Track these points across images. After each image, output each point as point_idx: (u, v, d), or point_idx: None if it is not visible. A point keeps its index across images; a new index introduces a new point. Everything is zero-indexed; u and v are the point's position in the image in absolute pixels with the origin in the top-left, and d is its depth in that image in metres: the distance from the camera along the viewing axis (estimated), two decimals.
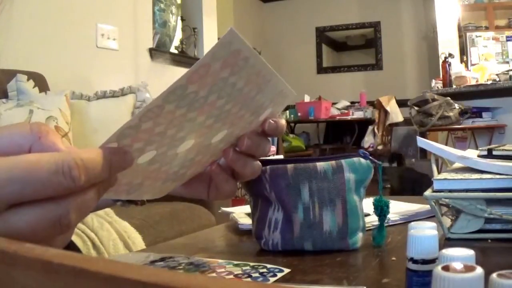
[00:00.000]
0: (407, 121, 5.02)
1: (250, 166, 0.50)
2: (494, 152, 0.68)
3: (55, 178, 0.29)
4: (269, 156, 0.54)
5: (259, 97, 0.43)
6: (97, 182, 0.32)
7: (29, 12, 2.35)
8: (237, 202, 2.56)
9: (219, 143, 0.46)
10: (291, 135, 5.79)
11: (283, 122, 0.49)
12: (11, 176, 0.28)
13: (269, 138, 0.50)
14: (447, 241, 0.61)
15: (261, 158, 0.52)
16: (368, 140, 5.67)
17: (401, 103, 5.43)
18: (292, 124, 6.19)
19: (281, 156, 3.44)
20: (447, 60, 4.51)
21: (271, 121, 0.48)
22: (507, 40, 5.08)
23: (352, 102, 6.43)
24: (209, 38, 4.24)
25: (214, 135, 0.44)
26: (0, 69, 1.89)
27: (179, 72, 3.75)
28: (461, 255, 0.32)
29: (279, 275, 0.50)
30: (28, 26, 2.35)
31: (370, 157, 0.61)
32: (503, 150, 0.68)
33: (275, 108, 0.48)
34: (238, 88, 0.40)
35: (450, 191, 0.63)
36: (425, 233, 0.37)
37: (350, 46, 7.36)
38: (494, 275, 0.26)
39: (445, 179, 0.64)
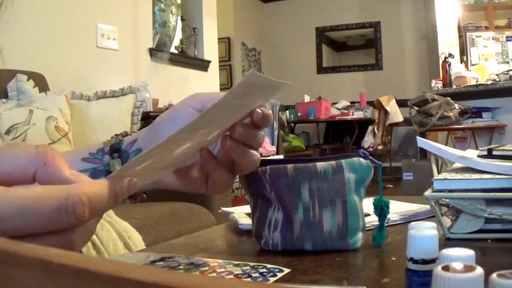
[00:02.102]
0: (407, 121, 5.02)
1: (248, 156, 0.50)
2: (494, 152, 0.68)
3: (58, 214, 0.28)
4: (269, 156, 0.54)
5: (258, 100, 0.46)
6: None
7: (29, 12, 2.35)
8: (237, 202, 2.56)
9: (212, 138, 0.48)
10: (291, 135, 5.79)
11: (270, 112, 0.50)
12: (15, 211, 0.28)
13: (263, 132, 0.51)
14: (447, 241, 0.61)
15: (261, 157, 0.52)
16: (368, 140, 5.68)
17: (401, 103, 5.43)
18: (292, 124, 6.20)
19: (281, 156, 3.44)
20: (447, 60, 4.51)
21: (258, 110, 0.48)
22: (507, 40, 5.08)
23: (352, 102, 6.44)
24: (209, 38, 4.24)
25: (209, 135, 0.46)
26: (0, 69, 1.89)
27: (179, 72, 3.75)
28: (461, 255, 0.32)
29: (279, 275, 0.50)
30: (28, 26, 2.35)
31: (370, 157, 0.61)
32: (503, 150, 0.68)
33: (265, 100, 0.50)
34: (244, 103, 0.42)
35: (450, 191, 0.63)
36: (425, 233, 0.37)
37: (350, 46, 7.37)
38: (494, 275, 0.26)
39: (445, 179, 0.64)
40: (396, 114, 5.57)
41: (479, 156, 0.69)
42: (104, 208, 0.32)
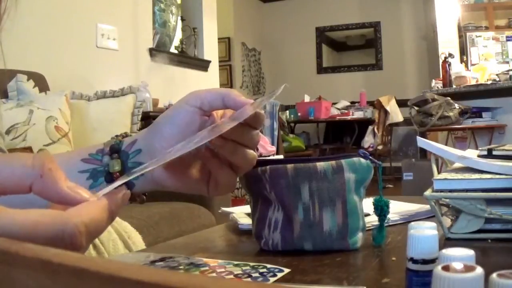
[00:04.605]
0: (407, 121, 5.02)
1: (241, 154, 0.49)
2: (494, 152, 0.68)
3: (53, 244, 0.28)
4: (269, 156, 0.54)
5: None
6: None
7: (29, 13, 2.35)
8: (237, 202, 2.56)
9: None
10: (291, 135, 5.79)
11: (261, 112, 0.49)
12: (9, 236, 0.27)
13: (257, 131, 0.50)
14: (447, 241, 0.61)
15: (260, 156, 0.52)
16: (368, 140, 5.67)
17: (401, 103, 5.43)
18: (292, 124, 6.20)
19: (281, 156, 3.44)
20: (447, 60, 4.51)
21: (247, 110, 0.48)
22: (507, 40, 5.08)
23: (352, 102, 6.44)
24: (209, 38, 4.24)
25: None
26: (0, 69, 1.89)
27: (179, 72, 3.75)
28: (461, 255, 0.32)
29: (279, 275, 0.50)
30: (29, 26, 2.35)
31: (370, 157, 0.61)
32: (503, 150, 0.68)
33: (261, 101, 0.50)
34: None
35: (450, 191, 0.63)
36: (425, 233, 0.37)
37: (350, 46, 7.37)
38: (494, 275, 0.26)
39: (445, 179, 0.64)
40: (396, 114, 5.57)
41: (479, 156, 0.69)
42: (102, 231, 0.32)
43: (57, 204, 0.32)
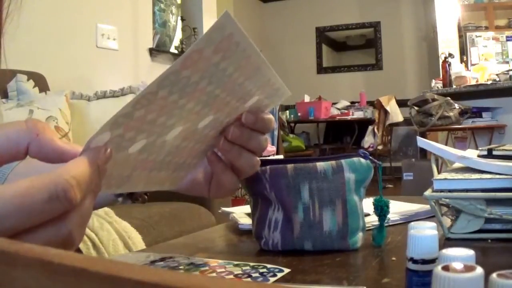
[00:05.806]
0: (407, 121, 5.02)
1: (245, 158, 0.49)
2: (494, 152, 0.68)
3: (49, 205, 0.28)
4: (269, 156, 0.54)
5: (247, 84, 0.43)
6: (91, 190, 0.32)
7: (29, 13, 2.35)
8: (237, 202, 2.56)
9: (205, 128, 0.45)
10: (291, 135, 5.78)
11: (268, 116, 0.48)
12: (4, 212, 0.27)
13: (266, 135, 0.50)
14: (447, 241, 0.61)
15: (261, 157, 0.51)
16: (368, 140, 5.67)
17: (401, 103, 5.43)
18: (292, 124, 6.19)
19: (281, 156, 3.44)
20: (447, 60, 4.51)
21: (250, 114, 0.47)
22: (507, 40, 5.08)
23: (352, 102, 6.43)
24: None
25: (201, 121, 0.43)
26: (0, 69, 1.89)
27: None
28: (461, 255, 0.32)
29: (279, 275, 0.50)
30: (29, 26, 2.35)
31: (370, 157, 0.61)
32: (503, 150, 0.68)
33: (265, 101, 0.48)
34: (228, 73, 0.39)
35: (450, 191, 0.63)
36: (425, 233, 0.37)
37: (350, 46, 7.36)
38: (494, 275, 0.26)
39: (445, 179, 0.64)
40: (396, 114, 5.57)
41: (479, 156, 0.69)
42: (93, 186, 0.31)
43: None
